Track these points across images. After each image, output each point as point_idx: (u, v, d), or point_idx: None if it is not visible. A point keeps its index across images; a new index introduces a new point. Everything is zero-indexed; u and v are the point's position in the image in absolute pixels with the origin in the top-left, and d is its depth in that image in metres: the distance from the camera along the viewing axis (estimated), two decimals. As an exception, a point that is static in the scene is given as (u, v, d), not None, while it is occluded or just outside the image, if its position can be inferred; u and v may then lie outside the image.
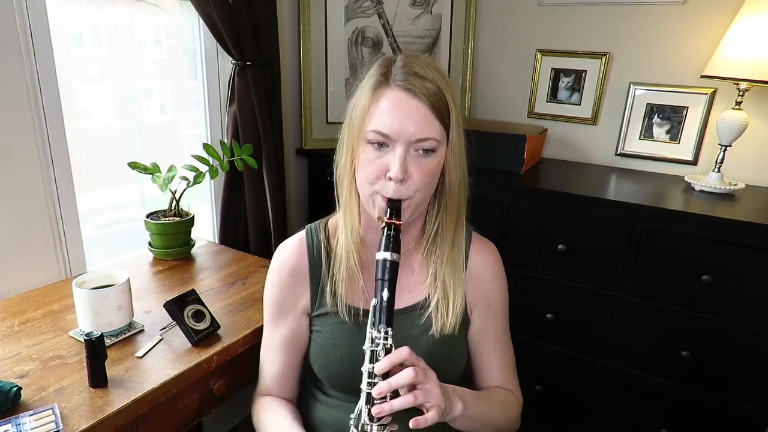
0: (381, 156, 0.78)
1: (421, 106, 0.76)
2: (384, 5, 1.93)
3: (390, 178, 0.77)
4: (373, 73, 0.81)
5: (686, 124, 1.73)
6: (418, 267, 0.92)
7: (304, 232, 0.95)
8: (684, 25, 1.68)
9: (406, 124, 0.76)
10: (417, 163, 0.78)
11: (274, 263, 0.94)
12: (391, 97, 0.77)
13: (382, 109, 0.77)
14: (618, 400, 1.58)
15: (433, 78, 0.78)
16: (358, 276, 0.88)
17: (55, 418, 0.79)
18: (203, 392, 1.02)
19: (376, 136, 0.77)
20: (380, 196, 0.79)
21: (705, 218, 1.34)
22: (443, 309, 0.88)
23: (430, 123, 0.77)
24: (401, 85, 0.77)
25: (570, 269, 1.56)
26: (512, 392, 0.97)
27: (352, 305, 0.89)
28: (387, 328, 0.73)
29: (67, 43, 1.32)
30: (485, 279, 0.94)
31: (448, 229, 0.88)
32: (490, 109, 2.10)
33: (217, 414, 1.83)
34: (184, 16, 1.61)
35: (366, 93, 0.79)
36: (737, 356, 1.38)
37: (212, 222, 1.80)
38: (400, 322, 0.87)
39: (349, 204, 0.87)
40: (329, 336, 0.90)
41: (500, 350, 0.97)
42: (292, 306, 0.92)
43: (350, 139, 0.82)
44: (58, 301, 1.16)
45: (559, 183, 1.65)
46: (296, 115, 1.99)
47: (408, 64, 0.79)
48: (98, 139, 1.48)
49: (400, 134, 0.76)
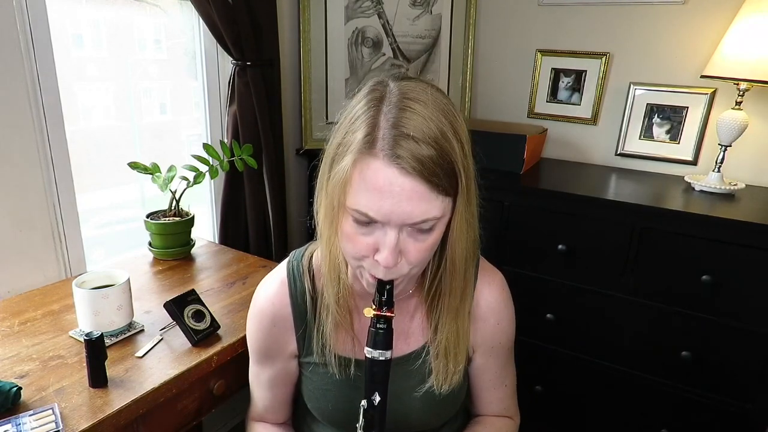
0: (368, 233, 0.64)
1: (417, 185, 0.59)
2: (384, 5, 1.93)
3: (379, 261, 0.64)
4: (358, 121, 0.62)
5: (686, 124, 1.73)
6: (417, 311, 0.82)
7: (285, 272, 0.83)
8: (684, 25, 1.68)
9: (398, 207, 0.60)
10: (412, 240, 0.64)
11: (255, 306, 0.85)
12: (378, 173, 0.60)
13: (368, 185, 0.60)
14: (618, 400, 1.58)
15: (433, 134, 0.60)
16: (347, 325, 0.79)
17: (55, 418, 0.79)
18: (203, 392, 1.02)
19: (361, 216, 0.62)
20: (368, 272, 0.68)
21: (705, 218, 1.34)
22: (444, 363, 0.79)
23: (429, 202, 0.61)
24: (390, 159, 0.59)
25: (570, 269, 1.56)
26: (510, 418, 0.94)
27: (342, 356, 0.80)
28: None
29: (67, 43, 1.32)
30: (490, 323, 0.84)
31: (454, 299, 0.76)
32: (490, 109, 2.10)
33: (217, 414, 1.83)
34: (184, 16, 1.61)
35: (347, 160, 0.62)
36: (737, 356, 1.38)
37: (212, 222, 1.80)
38: (395, 374, 0.75)
39: (331, 256, 0.73)
40: (320, 386, 0.83)
41: (502, 383, 0.91)
42: (277, 352, 0.85)
43: (329, 202, 0.66)
44: (58, 301, 1.16)
45: (559, 183, 1.65)
46: (296, 115, 1.99)
47: (399, 120, 0.60)
48: (98, 139, 1.48)
49: (390, 218, 0.61)
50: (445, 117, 0.62)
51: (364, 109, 0.63)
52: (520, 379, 0.99)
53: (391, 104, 0.62)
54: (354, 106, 0.66)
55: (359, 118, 0.63)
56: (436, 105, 0.62)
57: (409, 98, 0.62)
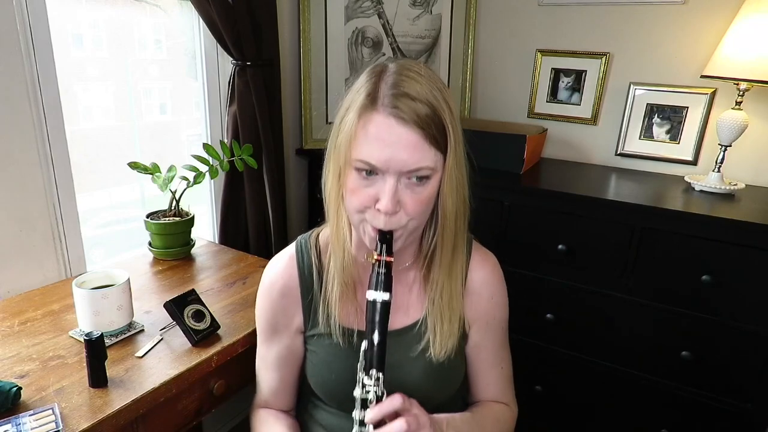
0: (370, 184, 0.72)
1: (412, 134, 0.68)
2: (384, 5, 1.93)
3: (380, 210, 0.71)
4: (361, 90, 0.73)
5: (686, 124, 1.73)
6: (415, 284, 0.88)
7: (294, 248, 0.90)
8: (684, 25, 1.68)
9: (396, 154, 0.68)
10: (410, 191, 0.71)
11: (264, 282, 0.91)
12: (379, 123, 0.69)
13: (370, 136, 0.70)
14: (618, 400, 1.58)
15: (427, 96, 0.70)
16: (351, 296, 0.84)
17: (55, 418, 0.79)
18: (203, 392, 1.02)
19: (364, 165, 0.70)
20: (370, 225, 0.74)
21: (705, 218, 1.34)
22: (440, 332, 0.84)
23: (422, 151, 0.69)
24: (389, 111, 0.69)
25: (570, 269, 1.56)
26: (507, 405, 0.96)
27: (346, 326, 0.85)
28: (379, 374, 0.69)
29: (67, 43, 1.32)
30: (484, 297, 0.90)
31: (446, 254, 0.82)
32: (490, 109, 2.10)
33: (217, 414, 1.83)
34: (184, 16, 1.61)
35: (352, 116, 0.72)
36: (737, 356, 1.38)
37: (212, 222, 1.80)
38: (395, 344, 0.83)
39: (338, 224, 0.80)
40: (324, 357, 0.87)
41: (497, 365, 0.94)
42: (284, 326, 0.90)
43: (336, 162, 0.75)
44: (58, 301, 1.16)
45: (559, 183, 1.65)
46: (296, 115, 1.99)
47: (398, 82, 0.70)
48: (98, 139, 1.48)
49: (389, 165, 0.69)
50: (436, 86, 0.72)
51: (365, 80, 0.73)
52: (520, 379, 1.00)
53: (390, 73, 0.72)
54: (357, 80, 0.75)
55: (363, 86, 0.73)
56: (429, 78, 0.72)
57: (406, 69, 0.72)
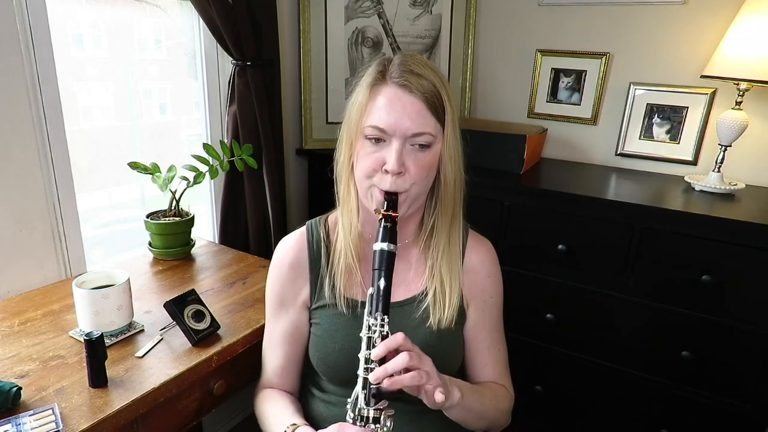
0: (378, 150, 0.80)
1: (416, 102, 0.79)
2: (384, 5, 1.93)
3: (387, 171, 0.79)
4: (371, 72, 0.83)
5: (686, 124, 1.73)
6: (415, 261, 0.94)
7: (305, 227, 0.97)
8: (684, 25, 1.68)
9: (402, 119, 0.78)
10: (413, 157, 0.80)
11: (275, 257, 0.96)
12: (387, 93, 0.80)
13: (379, 105, 0.80)
14: (618, 400, 1.58)
15: (429, 76, 0.80)
16: (356, 269, 0.90)
17: (55, 418, 0.79)
18: (203, 392, 1.02)
19: (373, 131, 0.80)
20: (377, 189, 0.81)
21: (705, 218, 1.34)
22: (440, 302, 0.89)
23: (425, 118, 0.79)
24: (397, 82, 0.79)
25: (570, 269, 1.56)
26: (504, 387, 0.99)
27: (350, 297, 0.90)
28: (383, 316, 0.74)
29: (67, 43, 1.32)
30: (481, 274, 0.95)
31: (445, 224, 0.89)
32: (490, 109, 2.10)
33: (217, 414, 1.83)
34: (184, 16, 1.61)
35: (363, 90, 0.82)
36: (737, 356, 1.38)
37: (212, 222, 1.80)
38: (397, 315, 0.88)
39: (347, 199, 0.89)
40: (328, 327, 0.91)
41: (495, 346, 0.98)
42: (292, 299, 0.94)
43: (348, 135, 0.85)
44: (58, 301, 1.16)
45: (559, 183, 1.65)
46: (296, 115, 1.99)
47: (404, 62, 0.81)
48: (98, 139, 1.48)
49: (395, 129, 0.78)
50: (437, 73, 0.83)
51: (374, 67, 0.84)
52: (520, 379, 1.00)
53: (397, 58, 0.83)
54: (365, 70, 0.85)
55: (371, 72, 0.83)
56: (431, 66, 0.83)
57: (411, 56, 0.83)
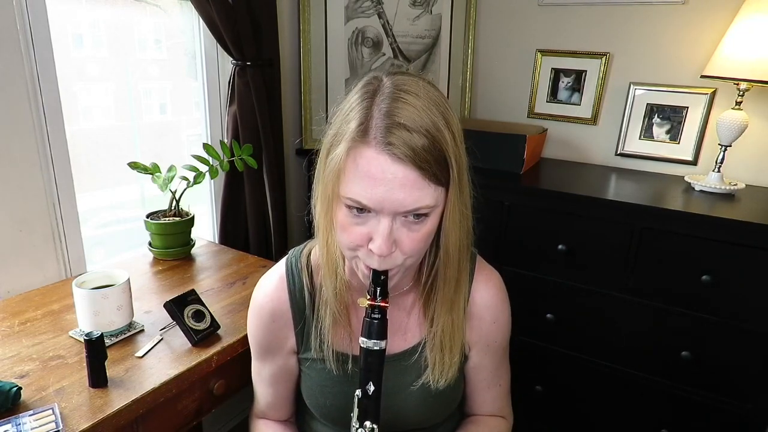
0: (362, 222, 0.65)
1: (409, 172, 0.61)
2: (384, 5, 1.93)
3: (373, 251, 0.65)
4: (351, 115, 0.65)
5: (686, 124, 1.73)
6: (414, 308, 0.83)
7: (284, 268, 0.85)
8: (684, 25, 1.68)
9: (391, 194, 0.61)
10: (406, 229, 0.65)
11: (254, 303, 0.86)
12: (370, 159, 0.61)
13: (360, 173, 0.62)
14: (618, 400, 1.58)
15: (425, 125, 0.61)
16: (345, 321, 0.80)
17: (55, 418, 0.79)
18: (203, 392, 1.02)
19: (355, 204, 0.64)
20: (363, 263, 0.69)
21: (705, 218, 1.34)
22: (441, 364, 0.80)
23: (421, 189, 0.62)
24: (382, 147, 0.61)
25: (570, 269, 1.56)
26: (503, 418, 0.94)
27: (340, 351, 0.81)
28: (373, 426, 0.67)
29: (67, 43, 1.32)
30: (486, 320, 0.85)
31: (448, 289, 0.77)
32: (490, 109, 2.10)
33: (217, 414, 1.83)
34: (184, 16, 1.61)
35: (341, 149, 0.64)
36: (737, 356, 1.38)
37: (212, 222, 1.80)
38: (391, 370, 0.79)
39: (328, 252, 0.75)
40: (318, 382, 0.84)
41: (495, 383, 0.91)
42: (277, 347, 0.86)
43: (324, 193, 0.68)
44: (58, 301, 1.16)
45: (559, 183, 1.65)
46: (296, 115, 1.99)
47: (391, 110, 0.62)
48: (98, 139, 1.48)
49: (383, 206, 0.62)
50: (437, 109, 0.64)
51: (358, 101, 0.65)
52: (520, 379, 1.00)
53: (384, 95, 0.64)
54: (349, 99, 0.68)
55: (353, 109, 0.65)
56: (429, 97, 0.64)
57: (402, 90, 0.64)
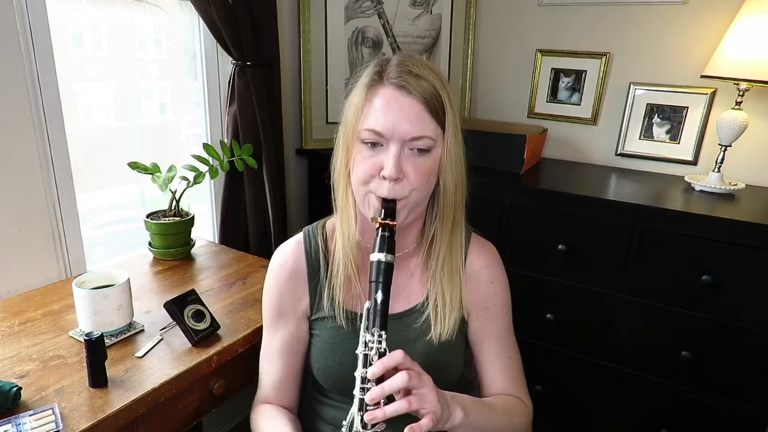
0: (375, 155, 0.77)
1: (415, 104, 0.75)
2: (384, 5, 1.93)
3: (384, 177, 0.75)
4: (368, 72, 0.80)
5: (686, 124, 1.73)
6: (416, 270, 0.90)
7: (302, 234, 0.93)
8: (684, 25, 1.68)
9: (400, 122, 0.74)
10: (412, 162, 0.76)
11: (272, 266, 0.93)
12: (384, 94, 0.76)
13: (376, 107, 0.76)
14: (618, 400, 1.58)
15: (429, 76, 0.76)
16: (355, 280, 0.87)
17: (55, 418, 0.79)
18: (203, 392, 1.02)
19: (370, 134, 0.76)
20: (374, 195, 0.78)
21: (705, 218, 1.34)
22: (441, 313, 0.86)
23: (424, 121, 0.75)
24: (395, 83, 0.75)
25: (570, 269, 1.56)
26: (520, 399, 0.93)
27: (349, 310, 0.87)
28: (381, 332, 0.70)
29: (67, 43, 1.32)
30: (483, 281, 0.91)
31: (445, 232, 0.85)
32: (490, 109, 2.10)
33: (217, 414, 1.83)
34: (184, 16, 1.61)
35: (359, 91, 0.79)
36: (737, 356, 1.38)
37: (212, 222, 1.80)
38: (396, 327, 0.86)
39: (345, 207, 0.85)
40: (327, 340, 0.88)
41: (503, 355, 0.93)
42: (291, 309, 0.91)
43: (345, 139, 0.81)
44: (58, 301, 1.16)
45: (559, 183, 1.65)
46: (296, 115, 1.99)
47: (403, 62, 0.77)
48: (98, 139, 1.48)
49: (393, 132, 0.75)
50: (437, 73, 0.79)
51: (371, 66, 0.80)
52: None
53: (395, 58, 0.80)
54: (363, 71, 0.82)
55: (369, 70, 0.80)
56: (431, 66, 0.79)
57: (410, 56, 0.79)
